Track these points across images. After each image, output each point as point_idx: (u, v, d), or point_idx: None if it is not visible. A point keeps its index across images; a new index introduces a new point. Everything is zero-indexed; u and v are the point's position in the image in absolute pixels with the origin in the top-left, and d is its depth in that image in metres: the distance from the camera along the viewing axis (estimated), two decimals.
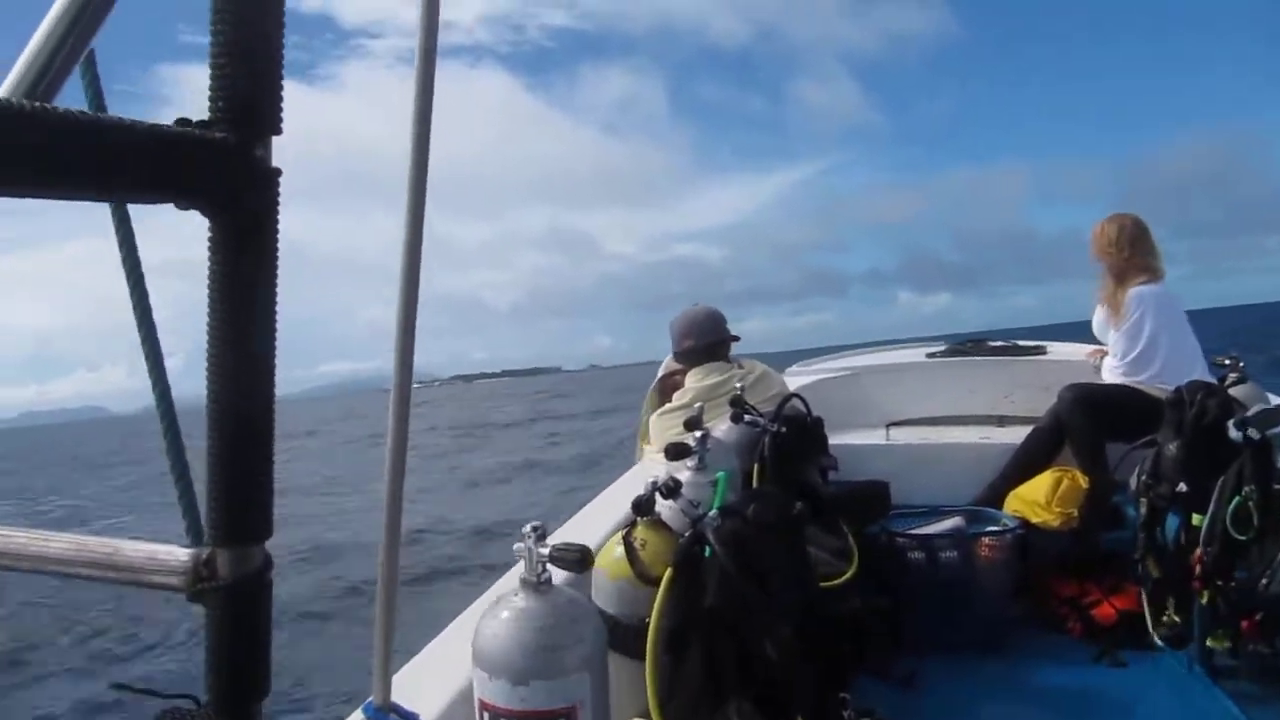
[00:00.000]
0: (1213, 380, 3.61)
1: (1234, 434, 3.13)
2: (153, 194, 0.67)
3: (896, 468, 4.52)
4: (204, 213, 0.70)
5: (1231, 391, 3.48)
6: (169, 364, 1.29)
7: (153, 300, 1.29)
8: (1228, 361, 3.76)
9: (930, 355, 5.81)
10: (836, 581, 3.03)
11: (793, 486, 3.21)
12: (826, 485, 3.65)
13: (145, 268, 1.27)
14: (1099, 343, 4.97)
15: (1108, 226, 4.64)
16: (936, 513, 4.06)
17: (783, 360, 4.68)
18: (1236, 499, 3.06)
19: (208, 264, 0.73)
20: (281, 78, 0.74)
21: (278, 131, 0.73)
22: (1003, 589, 3.74)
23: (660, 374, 4.22)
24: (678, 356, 4.13)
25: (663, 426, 3.89)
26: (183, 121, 0.70)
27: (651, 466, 3.81)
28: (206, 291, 0.73)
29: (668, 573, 2.08)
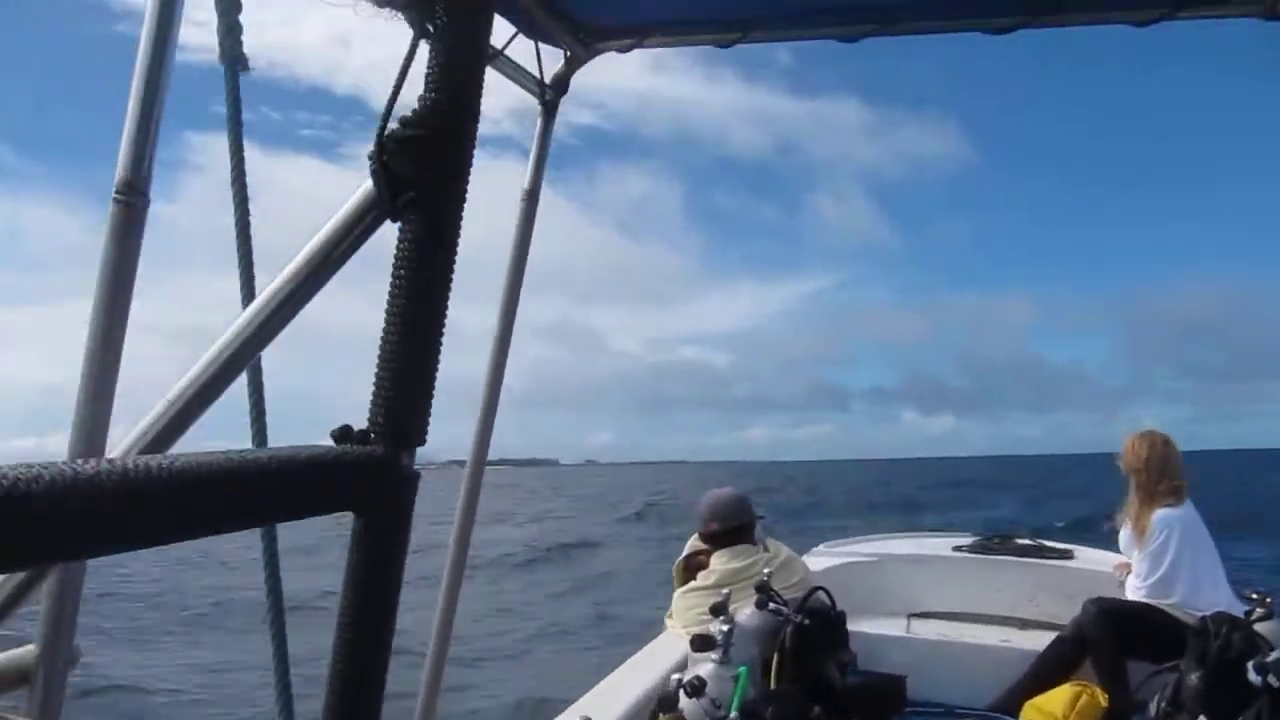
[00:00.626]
0: (1238, 613, 3.61)
1: (1254, 677, 3.12)
2: (314, 510, 0.79)
3: (915, 661, 4.49)
4: (355, 513, 0.83)
5: (1257, 627, 3.48)
6: None
7: None
8: (1254, 596, 3.76)
9: (957, 549, 5.79)
10: None
11: (812, 681, 3.23)
12: (844, 679, 3.65)
13: None
14: (1121, 547, 4.96)
15: (1138, 444, 4.69)
16: (952, 715, 4.03)
17: (782, 470, 4.68)
18: None
19: (349, 553, 0.85)
20: (431, 397, 0.88)
21: (423, 443, 0.87)
22: None
23: (686, 552, 4.27)
24: (703, 537, 4.19)
25: (686, 605, 3.93)
26: (344, 430, 0.83)
27: (672, 643, 3.83)
28: (343, 580, 0.85)
29: None
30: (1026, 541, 5.80)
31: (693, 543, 4.26)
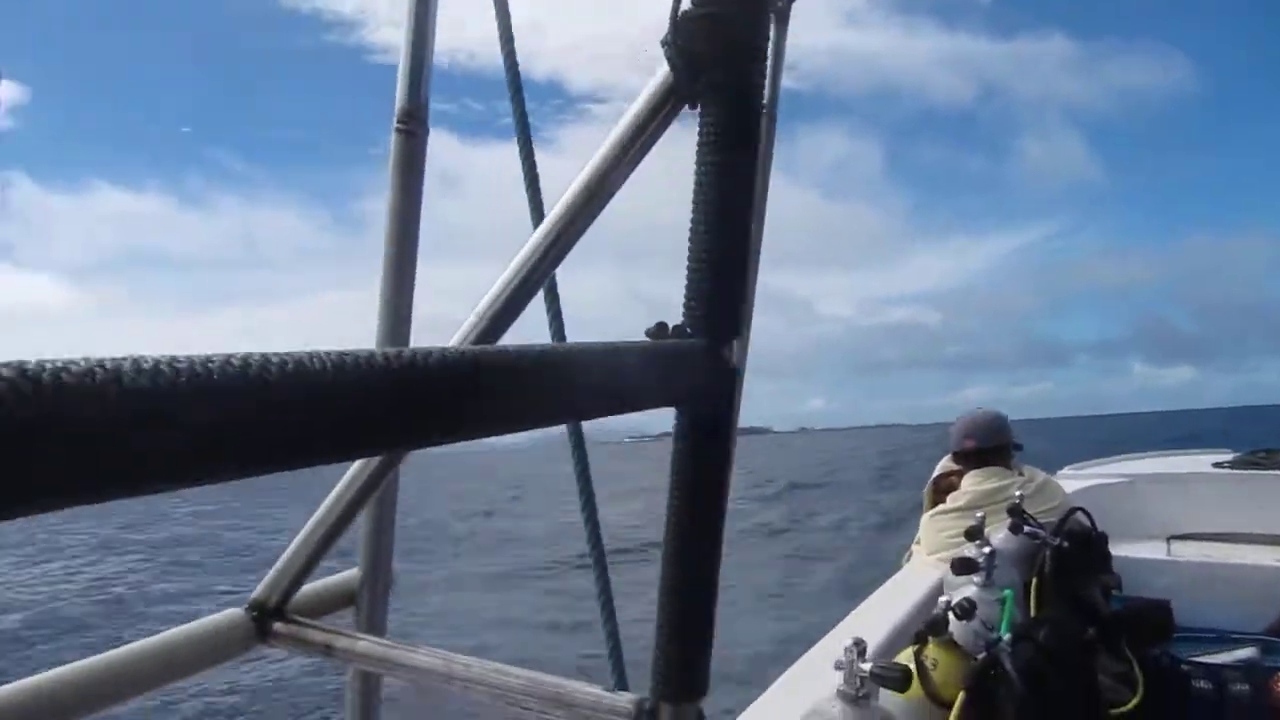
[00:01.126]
0: None
1: None
2: (636, 404, 0.79)
3: (1179, 586, 4.24)
4: (677, 409, 0.83)
5: None
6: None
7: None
8: None
9: (1217, 465, 5.41)
10: (1123, 709, 2.90)
11: (1074, 605, 3.10)
12: (1108, 605, 3.48)
13: None
14: None
15: None
16: (1225, 640, 3.78)
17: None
18: None
19: (673, 449, 0.85)
20: (745, 286, 0.86)
21: (740, 334, 0.85)
22: None
23: (936, 473, 4.15)
24: (956, 457, 4.05)
25: (936, 528, 3.83)
26: (660, 326, 0.83)
27: (923, 569, 3.75)
28: (670, 482, 0.85)
29: (960, 696, 2.08)
30: None
31: (945, 463, 4.13)
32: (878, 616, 3.22)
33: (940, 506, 3.86)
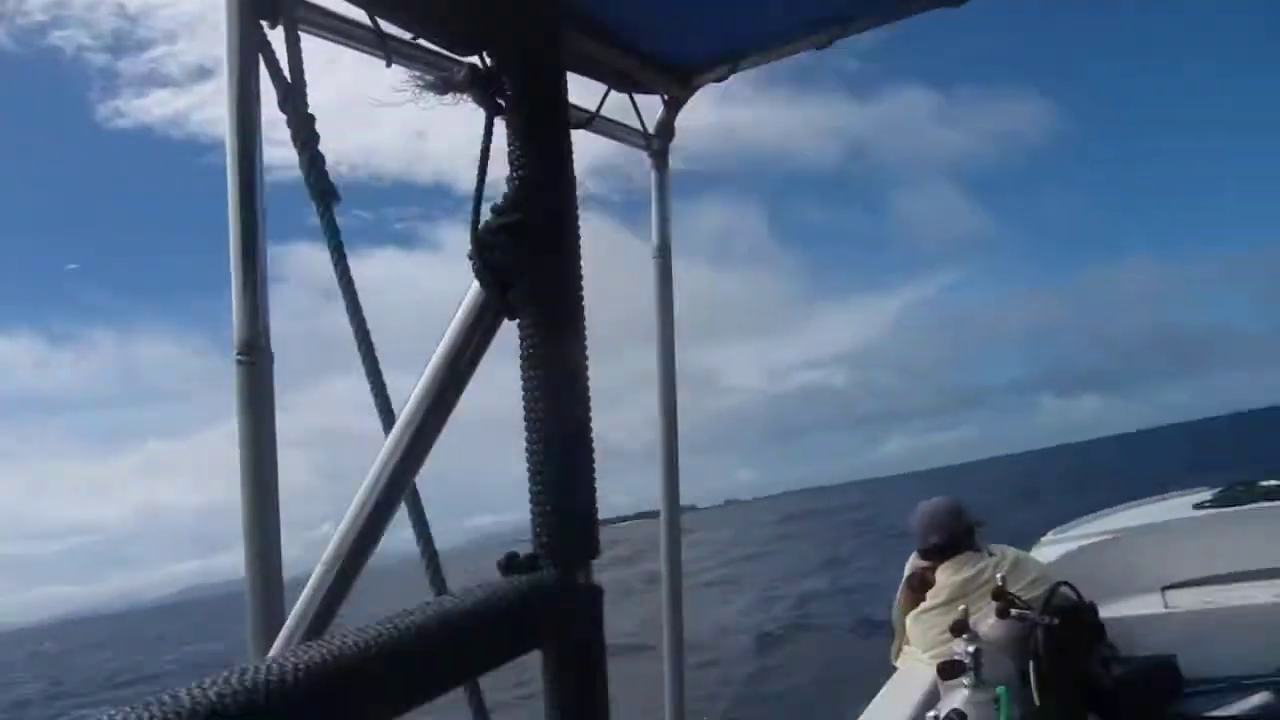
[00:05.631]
0: None
1: None
2: (508, 654, 0.71)
3: (1181, 638, 4.11)
4: (542, 650, 0.75)
5: None
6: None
7: None
8: None
9: (1198, 506, 5.34)
10: None
11: (1075, 684, 2.98)
12: (1110, 674, 3.37)
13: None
14: None
15: None
16: (1238, 687, 3.66)
17: (931, 480, 4.33)
18: None
19: (544, 689, 0.76)
20: (595, 502, 0.78)
21: (596, 555, 0.77)
22: None
23: (907, 573, 4.05)
24: (924, 554, 3.96)
25: (923, 627, 3.71)
26: (510, 558, 0.75)
27: (914, 670, 3.62)
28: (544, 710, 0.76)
29: None
30: (1276, 483, 5.28)
31: (913, 562, 4.03)
32: None
33: (923, 605, 3.74)
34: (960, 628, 2.81)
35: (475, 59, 0.83)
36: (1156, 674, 3.79)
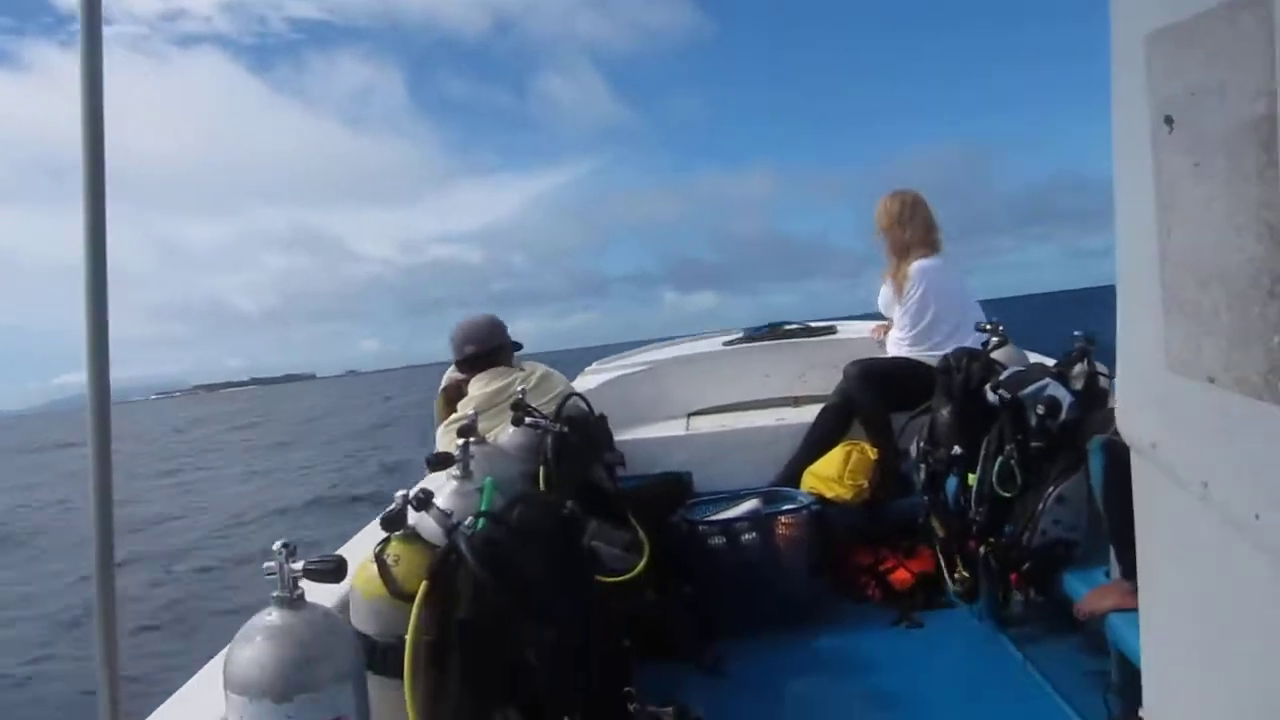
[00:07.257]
0: (978, 346, 3.74)
1: (991, 397, 3.25)
2: None
3: (698, 456, 4.55)
4: None
5: (994, 355, 3.62)
6: None
7: None
8: (988, 326, 3.91)
9: (726, 343, 5.87)
10: (628, 576, 3.01)
11: (577, 486, 3.17)
12: (615, 481, 3.62)
13: None
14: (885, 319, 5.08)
15: (889, 203, 4.70)
16: (736, 497, 4.10)
17: (554, 359, 4.56)
18: (1000, 459, 3.18)
19: None
20: None
21: None
22: (803, 565, 3.80)
23: (443, 384, 4.10)
24: (460, 365, 4.02)
25: (450, 439, 3.77)
26: None
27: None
28: None
29: (422, 587, 2.00)
30: (793, 326, 5.91)
31: (450, 374, 4.08)
32: (371, 532, 3.06)
33: (453, 416, 3.81)
34: (465, 431, 2.88)
35: None
36: (665, 486, 4.16)
